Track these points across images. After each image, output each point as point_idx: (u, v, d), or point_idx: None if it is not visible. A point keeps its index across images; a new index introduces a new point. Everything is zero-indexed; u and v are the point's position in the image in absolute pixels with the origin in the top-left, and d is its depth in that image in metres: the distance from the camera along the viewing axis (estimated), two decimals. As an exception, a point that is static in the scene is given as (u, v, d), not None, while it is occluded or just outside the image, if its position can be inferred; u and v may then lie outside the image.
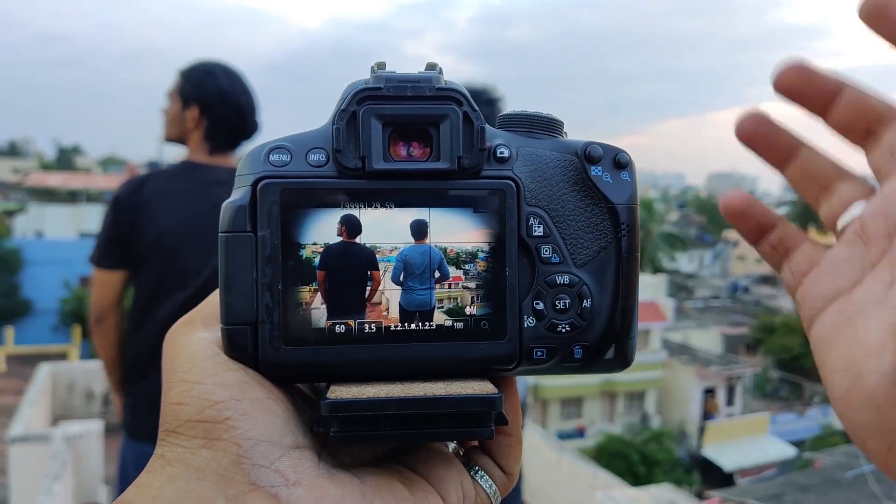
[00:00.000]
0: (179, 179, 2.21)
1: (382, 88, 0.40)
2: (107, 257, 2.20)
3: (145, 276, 2.17)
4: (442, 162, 0.41)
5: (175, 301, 2.13)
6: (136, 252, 2.15)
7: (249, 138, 2.30)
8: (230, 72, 2.27)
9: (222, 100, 2.20)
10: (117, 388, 2.34)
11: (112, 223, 2.18)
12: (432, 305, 0.41)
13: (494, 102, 2.21)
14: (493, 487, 0.44)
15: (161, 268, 2.13)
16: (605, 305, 0.43)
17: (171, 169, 2.33)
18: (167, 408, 0.38)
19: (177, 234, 2.12)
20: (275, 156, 0.40)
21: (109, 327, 2.24)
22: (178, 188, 2.18)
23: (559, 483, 6.90)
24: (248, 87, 2.29)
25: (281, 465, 0.36)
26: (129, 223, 2.14)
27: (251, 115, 2.27)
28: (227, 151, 2.26)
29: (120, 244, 2.17)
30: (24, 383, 10.05)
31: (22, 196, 38.70)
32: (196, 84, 2.22)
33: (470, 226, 0.41)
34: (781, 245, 0.42)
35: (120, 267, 2.19)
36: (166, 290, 2.13)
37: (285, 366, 0.39)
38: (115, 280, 2.20)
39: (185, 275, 2.12)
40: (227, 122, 2.22)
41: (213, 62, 2.28)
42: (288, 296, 0.39)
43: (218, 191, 2.17)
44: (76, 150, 75.41)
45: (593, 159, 0.43)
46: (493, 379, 0.42)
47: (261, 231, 0.39)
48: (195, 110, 2.21)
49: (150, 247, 2.13)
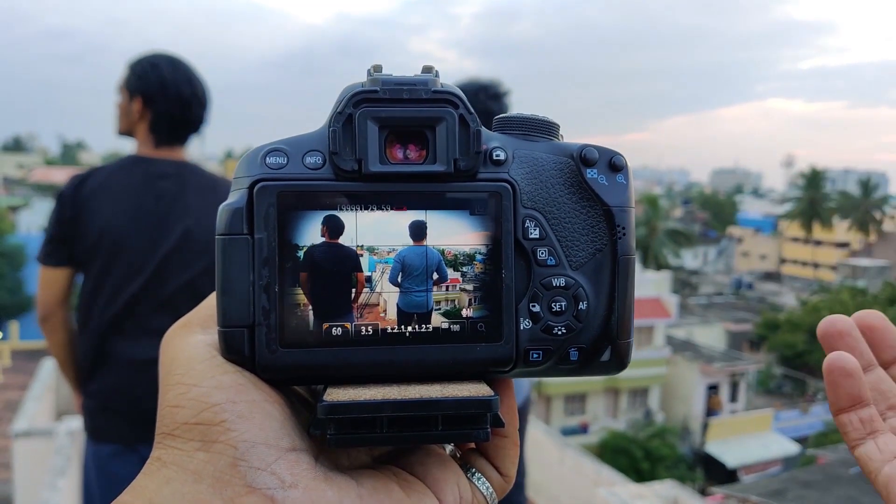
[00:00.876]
0: (123, 173, 2.18)
1: (379, 91, 0.40)
2: (51, 254, 2.17)
3: (90, 272, 2.14)
4: (438, 164, 0.41)
5: (120, 298, 2.09)
6: (81, 248, 2.12)
7: (196, 131, 2.25)
8: (176, 63, 2.22)
9: (164, 91, 2.16)
10: (75, 388, 2.30)
11: (56, 220, 2.16)
12: (430, 307, 0.41)
13: (501, 97, 2.21)
14: (489, 489, 0.44)
15: (104, 263, 2.10)
16: (601, 307, 0.43)
17: (115, 163, 2.29)
18: (164, 410, 0.38)
19: (119, 228, 2.09)
20: (271, 158, 0.40)
21: (56, 325, 2.21)
22: (120, 182, 2.15)
23: (562, 479, 6.91)
24: (195, 78, 2.23)
25: (277, 468, 0.36)
26: (72, 220, 2.12)
27: (196, 108, 2.22)
28: (173, 144, 2.22)
29: (64, 241, 2.14)
30: (29, 378, 10.08)
31: (26, 191, 38.79)
32: (140, 76, 2.18)
33: (466, 228, 0.41)
34: (871, 423, 0.51)
35: (65, 264, 2.17)
36: (110, 287, 2.10)
37: (282, 368, 0.39)
38: (59, 277, 2.17)
39: (130, 269, 2.09)
40: (169, 115, 2.18)
41: (160, 54, 2.25)
42: (285, 298, 0.39)
43: (162, 184, 2.14)
44: (80, 146, 75.59)
45: (589, 162, 0.43)
46: (490, 381, 0.42)
47: (257, 233, 0.39)
48: (139, 102, 2.18)
49: (93, 243, 2.10)
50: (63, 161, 59.67)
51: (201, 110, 2.24)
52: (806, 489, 11.77)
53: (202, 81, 2.26)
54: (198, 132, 2.27)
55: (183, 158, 2.24)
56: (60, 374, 2.34)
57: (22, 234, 26.53)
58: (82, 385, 2.24)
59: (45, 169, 45.31)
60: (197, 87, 2.23)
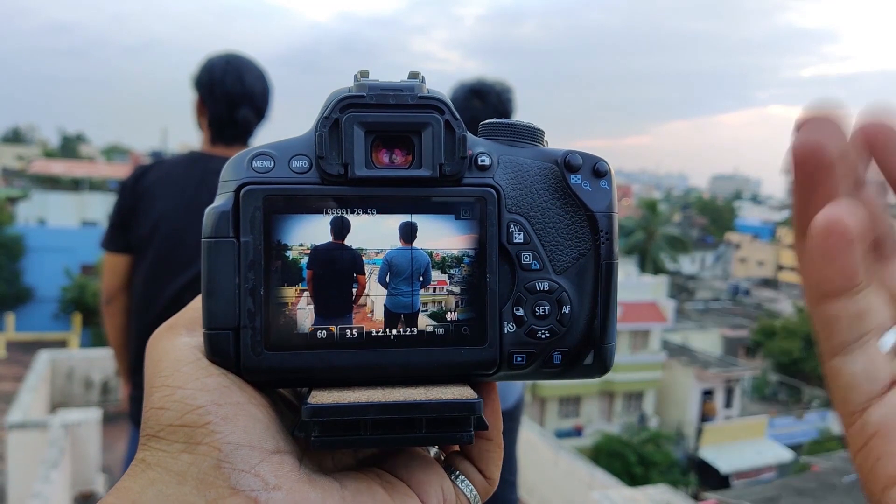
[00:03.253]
0: (182, 167, 2.24)
1: (365, 97, 0.41)
2: (112, 241, 2.25)
3: (145, 261, 2.19)
4: (424, 169, 0.41)
5: (170, 289, 2.14)
6: (136, 237, 2.19)
7: (248, 131, 2.26)
8: (232, 63, 2.23)
9: (211, 90, 2.20)
10: (125, 376, 2.37)
11: (117, 208, 2.25)
12: (417, 308, 0.41)
13: (503, 95, 2.18)
14: (473, 492, 0.45)
15: (159, 254, 2.16)
16: (584, 312, 0.43)
17: (177, 157, 2.36)
18: (149, 412, 0.38)
19: (176, 220, 2.14)
20: (258, 162, 0.41)
21: (116, 310, 2.29)
22: (179, 176, 2.20)
23: (556, 481, 6.91)
24: (251, 79, 2.23)
25: (261, 470, 0.37)
26: (132, 209, 2.19)
27: (246, 109, 2.22)
28: (227, 143, 2.25)
29: (123, 229, 2.22)
30: (24, 370, 10.08)
31: (25, 183, 38.77)
32: (198, 75, 2.24)
33: (451, 232, 0.41)
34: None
35: (125, 251, 2.24)
36: (162, 277, 2.15)
37: (267, 371, 0.40)
38: (119, 263, 2.25)
39: (181, 261, 2.14)
40: (218, 114, 2.22)
41: (227, 53, 2.27)
42: (270, 301, 0.40)
43: (217, 179, 2.16)
44: (80, 139, 75.53)
45: (573, 168, 0.44)
46: (474, 384, 0.42)
47: (243, 237, 0.40)
48: (199, 101, 2.24)
49: (148, 233, 2.16)
50: (62, 153, 59.59)
51: (252, 111, 2.23)
52: (800, 496, 11.79)
53: (260, 82, 2.25)
54: (250, 132, 2.28)
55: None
56: (115, 362, 2.45)
57: (20, 225, 26.50)
58: (131, 374, 2.29)
59: (45, 161, 45.24)
60: (250, 88, 2.22)
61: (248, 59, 2.27)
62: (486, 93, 2.08)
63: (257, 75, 2.26)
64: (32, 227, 26.42)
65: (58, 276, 22.34)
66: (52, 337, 16.58)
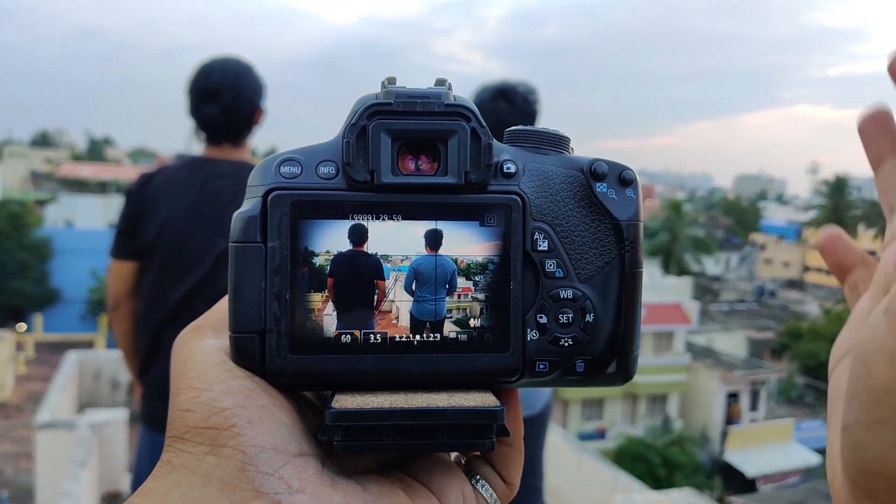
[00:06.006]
0: (185, 172, 2.27)
1: (392, 104, 0.41)
2: (118, 248, 2.29)
3: (151, 266, 2.23)
4: (449, 176, 0.41)
5: (178, 291, 2.18)
6: (143, 243, 2.23)
7: (238, 134, 2.28)
8: (207, 62, 2.27)
9: (201, 95, 2.24)
10: (137, 378, 2.41)
11: (123, 216, 2.28)
12: (443, 315, 0.41)
13: (528, 96, 2.17)
14: (493, 497, 0.45)
15: (165, 258, 2.19)
16: (608, 320, 0.43)
17: (180, 163, 2.40)
18: (175, 414, 0.39)
19: (179, 223, 2.18)
20: (285, 168, 0.41)
21: (123, 316, 2.33)
22: (182, 181, 2.24)
23: (579, 484, 6.88)
24: (217, 77, 2.24)
25: (285, 473, 0.37)
26: (137, 215, 2.23)
27: (208, 106, 2.23)
28: (216, 144, 2.28)
29: (129, 236, 2.25)
30: (52, 370, 10.22)
31: (53, 186, 39.34)
32: (189, 80, 2.29)
33: (476, 239, 0.41)
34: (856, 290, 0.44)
35: (131, 258, 2.28)
36: (169, 280, 2.19)
37: (291, 374, 0.40)
38: (126, 270, 2.28)
39: (188, 264, 2.17)
40: (190, 113, 2.27)
41: (218, 58, 2.30)
42: (296, 305, 0.40)
43: (220, 183, 2.22)
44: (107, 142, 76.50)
45: (599, 176, 0.44)
46: (496, 390, 0.42)
47: (270, 242, 0.40)
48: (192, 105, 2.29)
49: (154, 238, 2.20)
50: (90, 157, 60.41)
51: (217, 108, 2.24)
52: (826, 501, 11.62)
53: (232, 79, 2.26)
54: (241, 135, 2.30)
55: (243, 159, 2.32)
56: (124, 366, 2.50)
57: (48, 227, 26.91)
58: (142, 375, 2.33)
59: (72, 164, 45.90)
60: (216, 85, 2.23)
61: (226, 59, 2.29)
62: (511, 94, 2.07)
63: (233, 73, 2.26)
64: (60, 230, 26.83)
65: (85, 277, 22.65)
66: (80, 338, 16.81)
